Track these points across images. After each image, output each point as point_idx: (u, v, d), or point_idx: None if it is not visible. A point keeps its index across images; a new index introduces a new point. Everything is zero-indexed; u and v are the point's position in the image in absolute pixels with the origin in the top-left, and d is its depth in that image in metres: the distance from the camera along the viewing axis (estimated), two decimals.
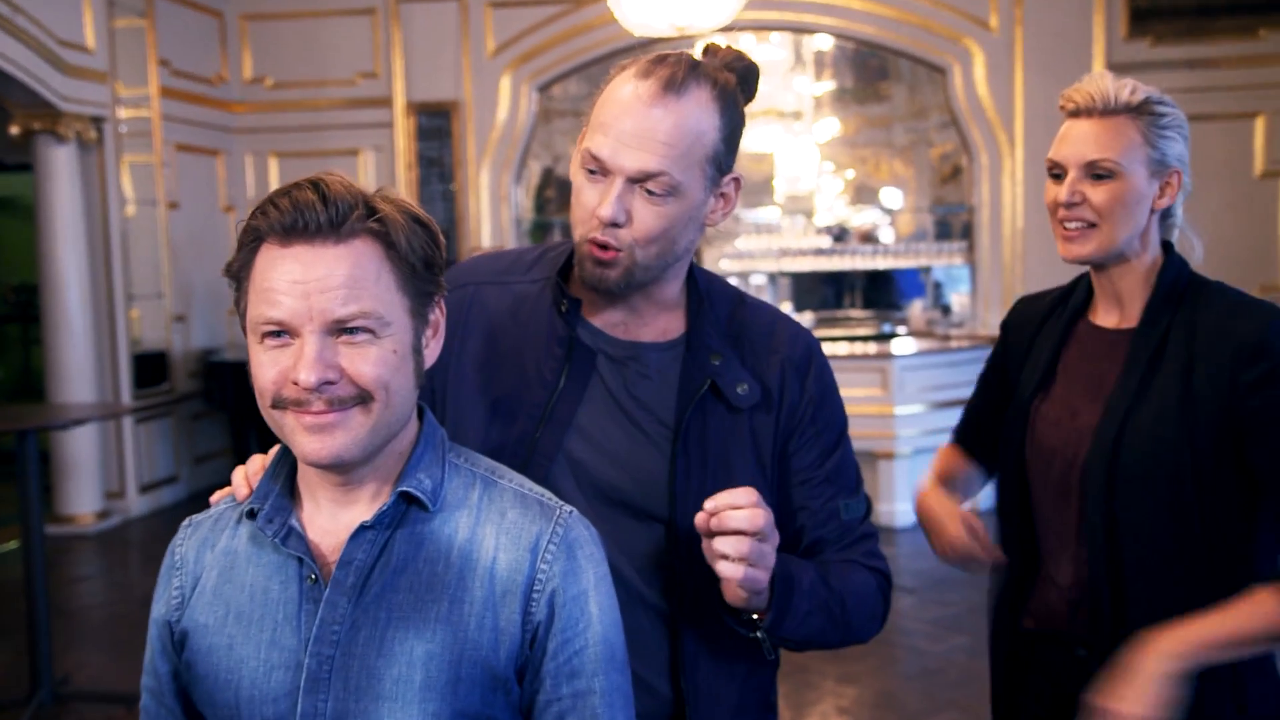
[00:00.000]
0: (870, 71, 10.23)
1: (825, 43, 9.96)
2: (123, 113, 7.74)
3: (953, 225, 9.60)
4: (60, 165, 7.26)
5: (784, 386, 1.60)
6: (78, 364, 7.35)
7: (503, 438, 1.57)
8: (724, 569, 1.38)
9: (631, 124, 1.47)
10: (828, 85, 10.34)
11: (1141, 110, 1.84)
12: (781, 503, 1.62)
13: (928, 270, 9.76)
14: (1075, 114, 1.88)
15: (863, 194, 10.44)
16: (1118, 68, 7.68)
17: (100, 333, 7.61)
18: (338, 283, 1.21)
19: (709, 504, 1.38)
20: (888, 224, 10.28)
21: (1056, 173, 1.91)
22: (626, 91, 1.49)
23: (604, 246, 1.51)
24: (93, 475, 7.50)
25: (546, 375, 1.57)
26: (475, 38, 8.82)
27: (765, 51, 9.98)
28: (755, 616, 1.48)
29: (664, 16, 6.07)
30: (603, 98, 1.52)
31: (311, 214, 1.21)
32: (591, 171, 1.51)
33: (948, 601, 5.66)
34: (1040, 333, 2.02)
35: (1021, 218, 8.27)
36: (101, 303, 7.62)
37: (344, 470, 1.28)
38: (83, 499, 7.45)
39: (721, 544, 1.37)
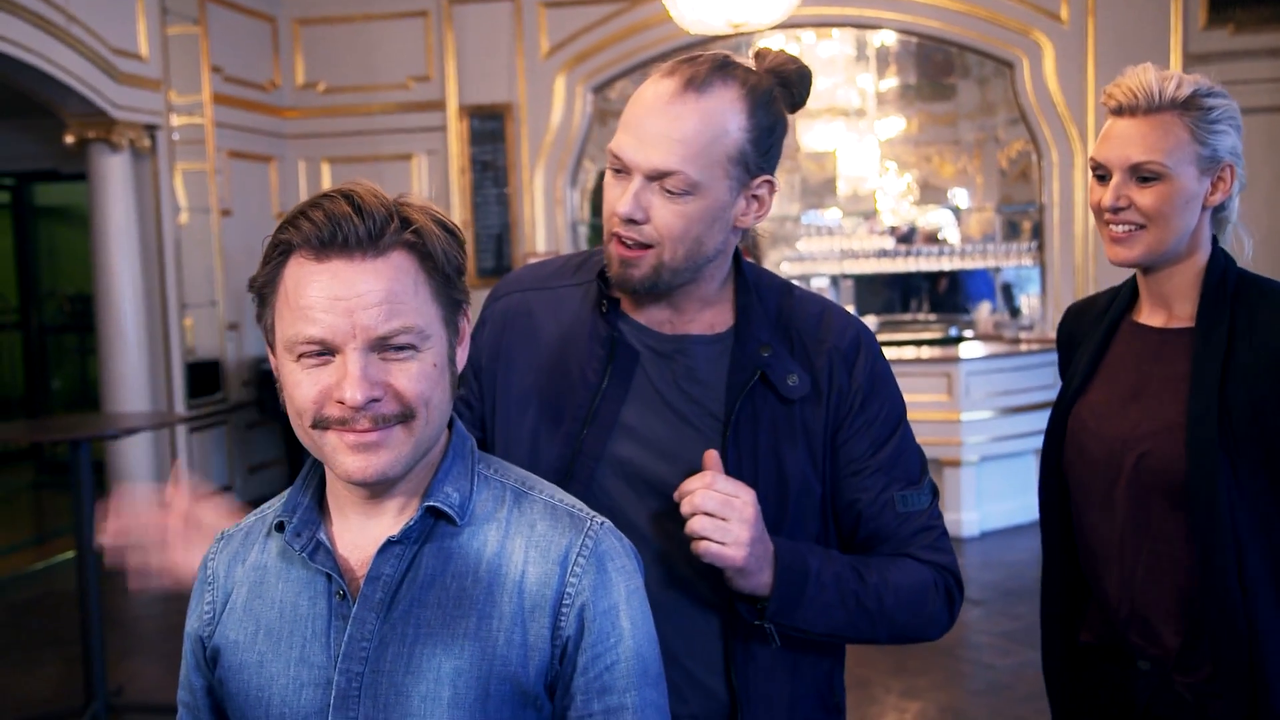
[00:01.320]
0: (935, 67, 10.16)
1: (889, 38, 9.91)
2: (176, 120, 7.88)
3: (1021, 225, 9.49)
4: (114, 173, 7.40)
5: (832, 376, 1.62)
6: (132, 373, 7.48)
7: (550, 441, 1.62)
8: (692, 548, 1.48)
9: (651, 122, 1.51)
10: (891, 82, 10.28)
11: (1189, 106, 1.78)
12: (835, 494, 1.64)
13: (996, 271, 9.66)
14: (1118, 112, 1.83)
15: (928, 193, 10.36)
16: (1196, 58, 7.56)
17: (154, 341, 7.74)
18: (379, 298, 1.21)
19: (675, 495, 1.49)
20: (953, 224, 10.19)
21: (1101, 174, 1.86)
22: (650, 91, 1.54)
23: (629, 245, 1.55)
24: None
25: (589, 376, 1.61)
26: (529, 38, 8.88)
27: (827, 48, 9.95)
28: (759, 605, 1.53)
29: (719, 13, 6.07)
30: (632, 98, 1.57)
31: (350, 226, 1.21)
32: (616, 170, 1.56)
33: (1016, 614, 5.59)
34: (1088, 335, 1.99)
35: (1093, 217, 8.15)
36: (155, 311, 7.75)
37: (382, 487, 1.30)
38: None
39: (686, 527, 1.47)
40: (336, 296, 1.21)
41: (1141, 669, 1.85)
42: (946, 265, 9.62)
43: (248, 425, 8.66)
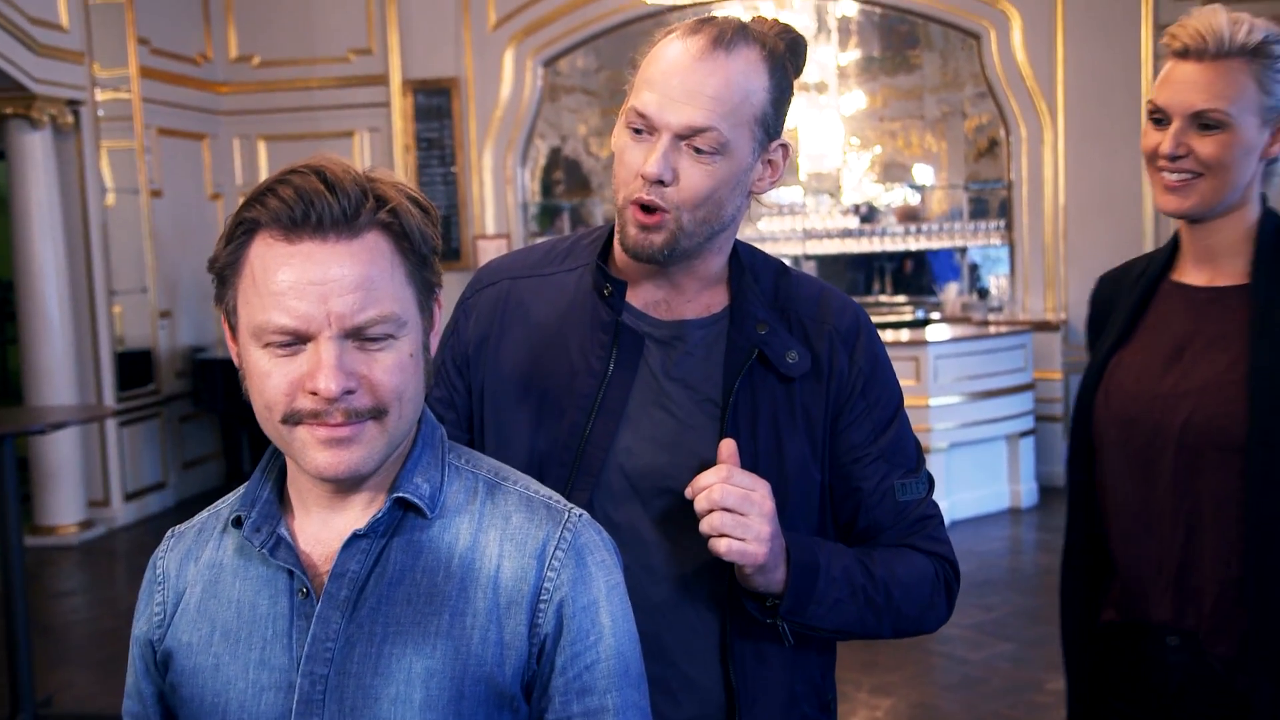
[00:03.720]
0: (899, 39, 10.17)
1: (850, 9, 9.91)
2: (100, 95, 7.76)
3: (989, 203, 9.54)
4: (34, 152, 7.28)
5: (833, 357, 1.62)
6: (57, 364, 7.37)
7: (552, 434, 1.60)
8: (711, 546, 1.46)
9: (679, 79, 1.51)
10: (853, 55, 10.29)
11: (1258, 53, 1.76)
12: (835, 482, 1.65)
13: (963, 251, 9.71)
14: (1183, 55, 1.80)
15: (892, 171, 10.39)
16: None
17: (80, 331, 7.63)
18: (355, 284, 1.18)
19: (687, 491, 1.48)
20: (918, 202, 10.24)
21: (1158, 118, 1.84)
22: (675, 49, 1.54)
23: (649, 210, 1.53)
24: (74, 482, 7.52)
25: (594, 363, 1.60)
26: (476, 10, 8.81)
27: (786, 19, 9.94)
28: (771, 603, 1.54)
29: None
30: (649, 57, 1.56)
31: (323, 204, 1.18)
32: (637, 131, 1.54)
33: (989, 605, 5.64)
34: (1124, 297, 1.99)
35: (1064, 194, 8.22)
36: (81, 299, 7.64)
37: (352, 482, 1.27)
38: (64, 508, 7.48)
39: (702, 524, 1.46)
40: (310, 281, 1.17)
41: (1170, 644, 1.86)
42: (912, 245, 9.67)
43: (182, 418, 8.56)
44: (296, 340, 1.19)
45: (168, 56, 8.52)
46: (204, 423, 8.79)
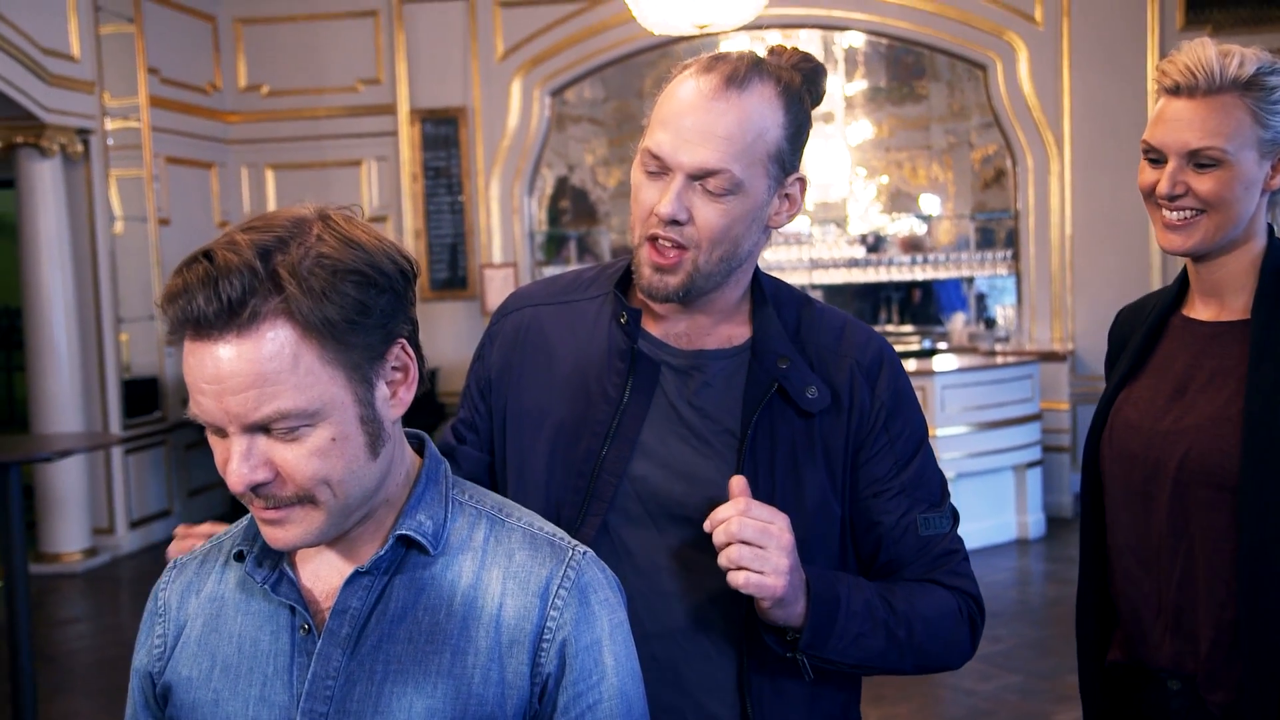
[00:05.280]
0: (905, 69, 10.22)
1: (857, 40, 9.95)
2: (110, 124, 7.80)
3: (996, 233, 9.56)
4: (44, 180, 7.31)
5: (854, 391, 1.62)
6: (64, 392, 7.38)
7: (568, 459, 1.61)
8: (729, 579, 1.44)
9: (692, 120, 1.52)
10: (860, 85, 10.33)
11: (1251, 85, 1.73)
12: (856, 516, 1.64)
13: (970, 281, 9.72)
14: (1174, 92, 1.78)
15: (899, 200, 10.41)
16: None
17: (87, 358, 7.64)
18: (245, 383, 1.13)
19: (705, 524, 1.46)
20: (924, 232, 10.25)
21: (1154, 157, 1.82)
22: (688, 88, 1.54)
23: (664, 248, 1.54)
24: (80, 510, 7.52)
25: (610, 391, 1.60)
26: (484, 40, 8.86)
27: None
28: (791, 636, 1.52)
29: (685, 15, 6.08)
30: (663, 96, 1.57)
31: (197, 305, 1.12)
32: (651, 172, 1.55)
33: (998, 636, 5.60)
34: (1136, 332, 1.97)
35: (1070, 224, 8.23)
36: (89, 326, 7.65)
37: None
38: (69, 536, 7.48)
39: (720, 557, 1.44)
40: (205, 380, 1.15)
41: (1172, 690, 1.83)
42: (919, 275, 9.67)
43: (187, 446, 8.56)
44: (218, 429, 1.18)
45: (177, 86, 8.58)
46: (209, 451, 8.71)
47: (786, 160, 1.57)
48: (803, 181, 1.61)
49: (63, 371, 7.38)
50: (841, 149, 10.29)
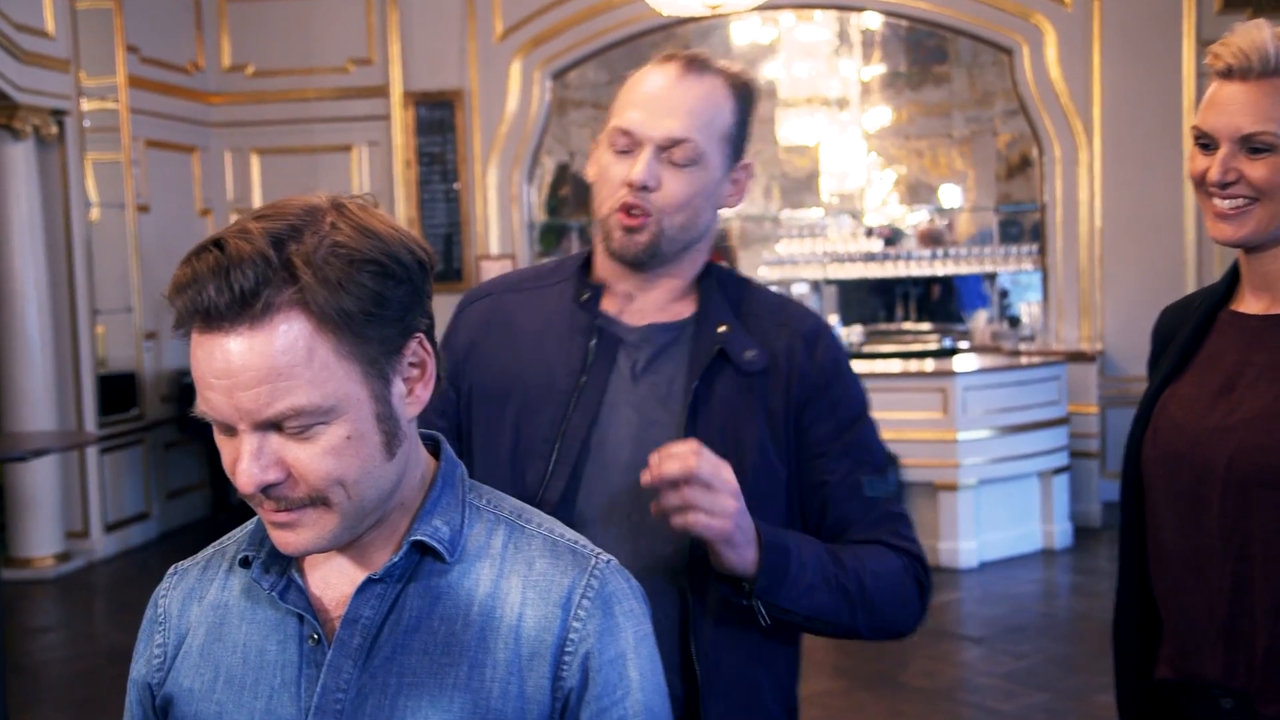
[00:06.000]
0: (926, 53, 10.20)
1: (874, 21, 9.94)
2: (86, 105, 7.78)
3: (1021, 226, 9.55)
4: (16, 164, 7.30)
5: (792, 355, 1.84)
6: (36, 387, 7.37)
7: (533, 428, 1.82)
8: (676, 520, 1.61)
9: (660, 96, 1.80)
10: (877, 69, 10.32)
11: None
12: (803, 477, 1.84)
13: (993, 277, 9.71)
14: (1226, 75, 1.79)
15: (918, 191, 10.40)
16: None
17: (61, 352, 7.63)
18: (258, 378, 1.13)
19: (651, 461, 1.62)
20: (945, 225, 10.24)
21: (1205, 143, 1.82)
22: (653, 75, 1.83)
23: (633, 212, 1.79)
24: (52, 513, 7.50)
25: (573, 364, 1.83)
26: (482, 19, 8.85)
27: (807, 32, 9.99)
28: (746, 584, 1.68)
29: None
30: (627, 85, 1.85)
31: (209, 295, 1.12)
32: (620, 150, 1.80)
33: (1021, 653, 5.59)
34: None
35: (1100, 216, 8.22)
36: (63, 318, 7.64)
37: None
38: (41, 539, 7.46)
39: (667, 498, 1.61)
40: (214, 374, 1.15)
41: (1225, 707, 1.82)
42: (940, 270, 9.66)
43: (166, 445, 8.55)
44: (226, 427, 1.18)
45: (157, 65, 8.56)
46: (190, 450, 8.78)
47: (736, 145, 1.84)
48: (748, 168, 1.89)
49: (35, 366, 7.37)
50: (857, 136, 10.28)
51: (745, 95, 1.85)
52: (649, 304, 1.86)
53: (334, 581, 1.29)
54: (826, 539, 1.80)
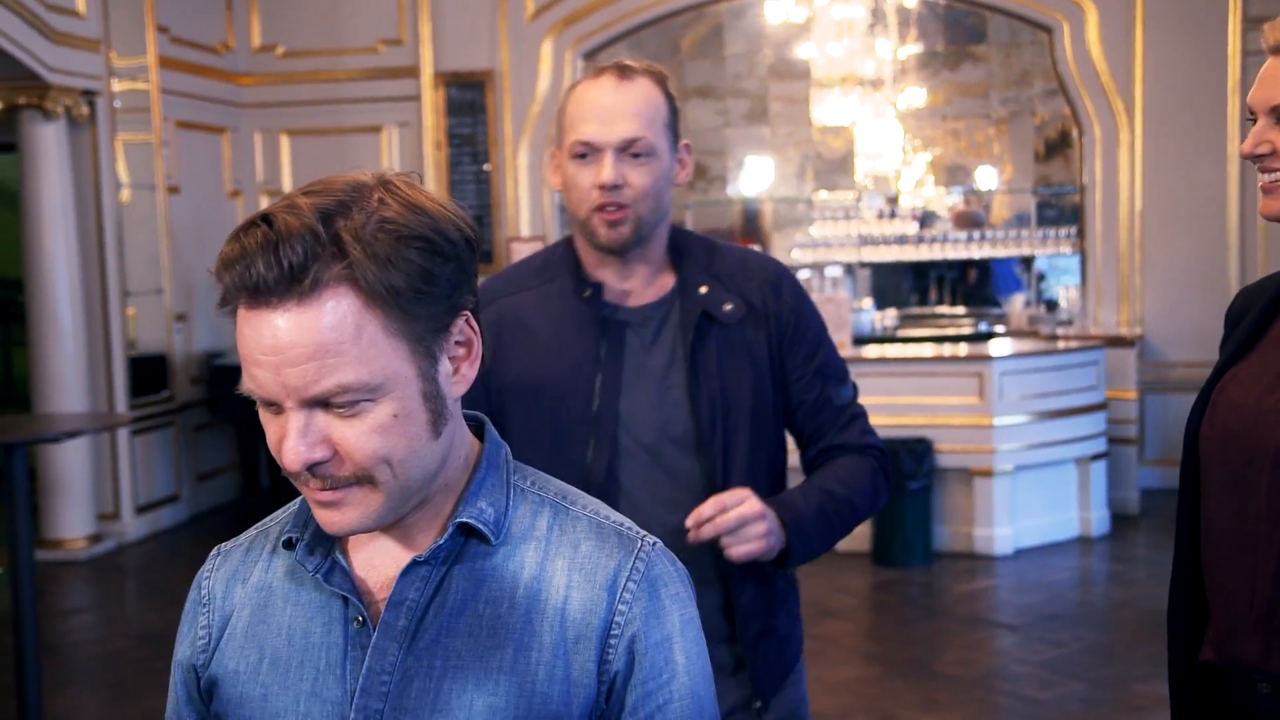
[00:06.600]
0: (963, 31, 10.13)
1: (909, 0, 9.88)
2: (117, 85, 7.83)
3: (1060, 208, 9.49)
4: (47, 144, 7.35)
5: (766, 301, 2.18)
6: (67, 369, 7.43)
7: (570, 414, 2.09)
8: (727, 555, 2.01)
9: (607, 105, 2.07)
10: (913, 49, 10.25)
11: None
12: (788, 400, 2.22)
13: (1030, 260, 9.65)
14: (1276, 51, 1.79)
15: (954, 173, 10.34)
16: (1258, 22, 7.55)
17: (92, 334, 7.69)
18: (305, 355, 1.14)
19: (706, 514, 1.99)
20: (981, 207, 10.18)
21: (1250, 118, 1.84)
22: (592, 89, 2.09)
23: (611, 209, 2.06)
24: (83, 494, 7.58)
25: (592, 352, 2.11)
26: None
27: (840, 10, 9.93)
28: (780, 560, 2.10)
29: None
30: (572, 101, 2.11)
31: (257, 271, 1.13)
32: (581, 157, 2.07)
33: (1058, 641, 5.58)
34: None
35: (1140, 199, 8.16)
36: (94, 300, 7.70)
37: None
38: (72, 521, 7.54)
39: (730, 550, 2.01)
40: (262, 351, 1.15)
41: (1262, 692, 1.81)
42: (976, 253, 9.61)
43: (197, 427, 8.61)
44: (272, 402, 1.19)
45: (188, 45, 8.60)
46: (220, 432, 8.84)
47: (674, 130, 2.13)
48: (688, 146, 2.18)
49: (66, 348, 7.43)
50: (892, 117, 10.22)
51: (667, 86, 2.14)
52: (637, 285, 2.16)
53: (378, 563, 1.30)
54: (806, 443, 2.24)
